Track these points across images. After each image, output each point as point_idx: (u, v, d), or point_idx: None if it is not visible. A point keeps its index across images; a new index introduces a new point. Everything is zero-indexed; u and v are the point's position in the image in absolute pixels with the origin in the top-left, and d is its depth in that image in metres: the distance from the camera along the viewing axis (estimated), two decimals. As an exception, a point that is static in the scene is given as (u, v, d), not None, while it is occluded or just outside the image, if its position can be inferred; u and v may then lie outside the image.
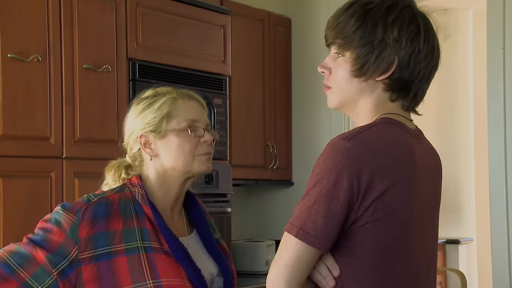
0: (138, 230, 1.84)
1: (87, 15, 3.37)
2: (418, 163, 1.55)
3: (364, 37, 1.54)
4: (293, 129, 4.93)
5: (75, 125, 3.29)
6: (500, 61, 4.38)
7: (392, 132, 1.54)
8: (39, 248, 1.79)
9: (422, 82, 1.58)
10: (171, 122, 1.90)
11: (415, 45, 1.54)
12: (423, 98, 1.63)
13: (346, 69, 1.57)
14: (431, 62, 1.58)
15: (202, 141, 1.92)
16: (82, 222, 1.81)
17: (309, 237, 1.46)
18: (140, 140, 1.92)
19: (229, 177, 4.11)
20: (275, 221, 5.00)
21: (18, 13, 3.10)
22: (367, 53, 1.54)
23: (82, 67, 3.33)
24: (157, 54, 3.70)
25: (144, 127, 1.92)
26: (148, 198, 1.89)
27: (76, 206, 1.84)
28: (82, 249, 1.79)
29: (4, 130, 3.03)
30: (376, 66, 1.54)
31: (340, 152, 1.47)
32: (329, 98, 1.62)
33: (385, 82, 1.56)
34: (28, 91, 3.12)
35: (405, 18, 1.55)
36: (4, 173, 3.02)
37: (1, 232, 2.99)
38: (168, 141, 1.90)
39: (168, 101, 1.92)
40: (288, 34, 4.92)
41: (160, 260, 1.82)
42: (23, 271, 1.77)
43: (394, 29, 1.53)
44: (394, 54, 1.53)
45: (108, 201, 1.86)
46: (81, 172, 3.28)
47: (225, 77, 4.13)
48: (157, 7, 3.74)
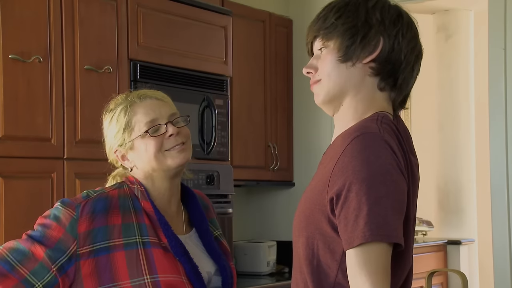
0: (136, 225, 1.85)
1: (88, 16, 3.37)
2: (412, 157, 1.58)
3: (347, 22, 1.54)
4: (294, 129, 4.93)
5: (76, 126, 3.29)
6: (501, 62, 4.38)
7: (392, 128, 1.55)
8: (38, 244, 1.79)
9: (407, 70, 1.56)
10: (133, 131, 1.92)
11: (398, 28, 1.55)
12: (409, 94, 1.61)
13: (332, 58, 1.56)
14: (415, 49, 1.57)
15: (167, 136, 1.91)
16: (81, 217, 1.81)
17: (394, 236, 1.41)
18: (116, 155, 1.96)
19: (230, 177, 4.11)
20: (276, 222, 5.00)
21: (20, 14, 3.10)
22: (352, 36, 1.54)
23: (83, 67, 3.33)
24: (158, 55, 3.70)
25: (114, 143, 1.95)
26: (147, 194, 1.90)
27: (75, 201, 1.85)
28: (81, 244, 1.80)
29: (5, 131, 3.03)
30: (362, 47, 1.54)
31: (386, 147, 1.44)
32: (316, 92, 1.60)
33: (372, 66, 1.55)
34: (29, 91, 3.12)
35: (385, 4, 1.57)
36: (5, 174, 3.02)
37: (2, 232, 2.99)
38: (136, 149, 1.92)
39: (122, 112, 1.94)
40: (290, 35, 4.91)
41: (158, 255, 1.82)
42: (23, 268, 1.78)
43: (376, 12, 1.54)
44: (379, 35, 1.54)
45: (107, 196, 1.87)
46: (82, 172, 3.28)
47: (226, 78, 4.13)
48: (158, 8, 3.73)
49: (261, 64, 4.68)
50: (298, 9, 4.96)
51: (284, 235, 4.91)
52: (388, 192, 1.42)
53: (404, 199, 1.45)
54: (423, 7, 6.14)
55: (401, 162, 1.47)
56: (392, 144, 1.46)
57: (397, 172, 1.44)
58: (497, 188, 4.38)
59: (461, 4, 6.36)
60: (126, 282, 1.79)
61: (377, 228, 1.39)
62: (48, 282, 1.78)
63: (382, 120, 1.52)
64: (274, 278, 4.54)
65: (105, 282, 1.79)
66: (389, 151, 1.44)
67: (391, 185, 1.42)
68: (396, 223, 1.42)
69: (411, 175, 1.52)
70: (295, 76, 4.89)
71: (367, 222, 1.40)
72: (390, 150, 1.45)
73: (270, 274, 4.59)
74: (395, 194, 1.42)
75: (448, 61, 6.47)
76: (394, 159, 1.44)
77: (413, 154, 1.57)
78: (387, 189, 1.42)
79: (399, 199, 1.44)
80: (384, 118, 1.54)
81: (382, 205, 1.41)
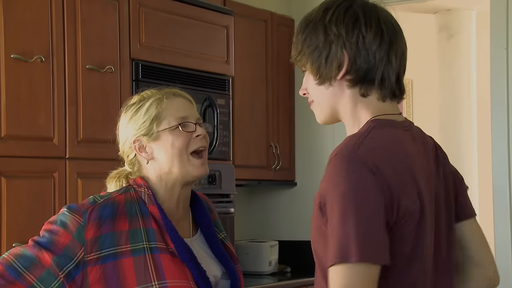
0: (144, 230, 1.84)
1: (90, 16, 3.37)
2: (414, 156, 1.56)
3: (311, 45, 1.58)
4: (296, 129, 4.93)
5: (78, 126, 3.29)
6: (503, 61, 4.38)
7: (387, 134, 1.54)
8: (45, 250, 1.78)
9: (383, 65, 1.56)
10: (161, 123, 1.91)
11: (357, 33, 1.55)
12: (400, 80, 1.60)
13: (311, 81, 1.60)
14: (383, 43, 1.56)
15: (194, 135, 1.91)
16: (89, 223, 1.80)
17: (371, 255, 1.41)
18: (134, 145, 1.92)
19: (232, 177, 4.11)
20: (278, 222, 4.99)
21: (22, 14, 3.10)
22: (318, 58, 1.57)
23: (85, 67, 3.33)
24: (160, 55, 3.71)
25: (136, 133, 1.92)
26: (155, 198, 1.88)
27: (82, 207, 1.83)
28: (89, 250, 1.79)
29: (7, 131, 3.03)
30: (329, 67, 1.56)
31: (358, 164, 1.45)
32: (315, 113, 1.65)
33: (348, 79, 1.56)
34: (31, 91, 3.12)
35: (340, 12, 1.57)
36: (7, 174, 3.03)
37: (5, 232, 2.99)
38: (162, 141, 1.90)
39: (154, 103, 1.92)
40: (291, 34, 4.87)
41: (166, 261, 1.81)
42: (30, 274, 1.76)
43: (332, 26, 1.56)
44: (341, 49, 1.55)
45: (114, 202, 1.85)
46: (84, 172, 3.29)
47: (228, 77, 4.13)
48: (160, 8, 3.74)
49: (263, 64, 4.68)
50: (300, 9, 4.96)
51: (286, 235, 4.91)
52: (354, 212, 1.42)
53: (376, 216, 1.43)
54: (425, 6, 6.13)
55: (383, 173, 1.46)
56: (367, 158, 1.46)
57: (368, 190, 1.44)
58: (499, 189, 4.38)
59: (463, 4, 6.35)
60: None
61: (341, 249, 1.41)
62: None
63: (371, 131, 1.53)
64: (276, 277, 4.54)
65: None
66: (360, 169, 1.45)
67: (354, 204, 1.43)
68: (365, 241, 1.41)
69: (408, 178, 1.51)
70: (297, 75, 4.88)
71: (333, 244, 1.42)
72: (363, 168, 1.45)
73: (272, 273, 4.59)
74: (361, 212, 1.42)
75: (450, 60, 6.47)
76: (367, 176, 1.44)
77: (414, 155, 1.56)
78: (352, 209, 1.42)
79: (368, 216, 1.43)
80: (376, 127, 1.54)
81: (346, 225, 1.42)
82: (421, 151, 1.61)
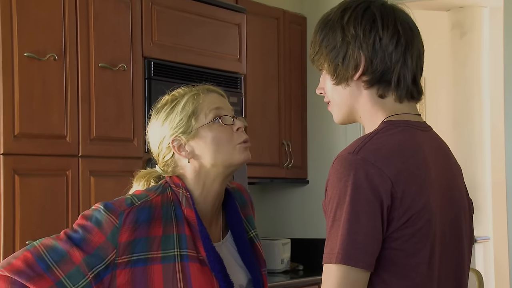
0: (176, 236, 1.80)
1: (103, 14, 3.38)
2: (428, 158, 1.55)
3: (329, 45, 1.59)
4: (309, 127, 4.92)
5: (91, 124, 3.30)
6: (517, 58, 4.35)
7: (396, 135, 1.54)
8: (77, 247, 1.74)
9: (399, 67, 1.57)
10: (199, 118, 1.86)
11: (374, 34, 1.56)
12: (416, 82, 1.60)
13: (329, 81, 1.62)
14: (399, 44, 1.57)
15: (235, 129, 1.87)
16: (124, 226, 1.76)
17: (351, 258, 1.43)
18: (173, 145, 1.86)
19: (244, 175, 4.11)
20: (290, 220, 4.99)
21: (35, 12, 3.12)
22: (335, 58, 1.59)
23: (98, 65, 3.34)
24: (173, 53, 3.71)
25: (174, 132, 1.86)
26: (193, 202, 1.83)
27: (119, 208, 1.78)
28: (120, 253, 1.75)
29: (20, 129, 3.05)
30: (346, 67, 1.58)
31: (354, 166, 1.46)
32: (333, 114, 1.66)
33: (364, 80, 1.58)
34: (44, 89, 3.13)
35: (358, 13, 1.58)
36: (21, 171, 3.04)
37: (18, 229, 3.01)
38: (202, 138, 1.85)
39: (190, 99, 1.87)
40: (304, 32, 4.91)
41: (195, 270, 1.78)
42: (59, 269, 1.73)
43: (350, 27, 1.58)
44: (358, 50, 1.57)
45: (151, 205, 1.80)
46: (97, 170, 3.30)
47: (240, 75, 4.13)
48: (173, 6, 3.74)
49: (275, 62, 4.68)
50: (312, 6, 4.95)
51: (299, 233, 4.91)
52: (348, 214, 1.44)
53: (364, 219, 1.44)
54: (437, 4, 6.11)
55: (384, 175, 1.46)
56: (366, 161, 1.46)
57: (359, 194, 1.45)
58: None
59: (476, 1, 6.32)
60: None
61: (329, 250, 1.46)
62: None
63: (379, 132, 1.54)
64: (288, 275, 4.54)
65: None
66: (355, 171, 1.46)
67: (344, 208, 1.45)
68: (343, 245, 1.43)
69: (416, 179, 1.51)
70: (309, 73, 4.88)
71: (326, 245, 1.47)
72: (359, 171, 1.46)
73: (284, 271, 4.60)
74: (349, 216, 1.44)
75: (463, 58, 6.44)
76: (361, 179, 1.45)
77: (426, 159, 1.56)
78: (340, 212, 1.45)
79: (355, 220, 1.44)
80: (384, 129, 1.54)
81: (335, 228, 1.45)
82: (439, 155, 1.60)
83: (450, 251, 1.58)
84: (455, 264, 1.59)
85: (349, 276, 1.44)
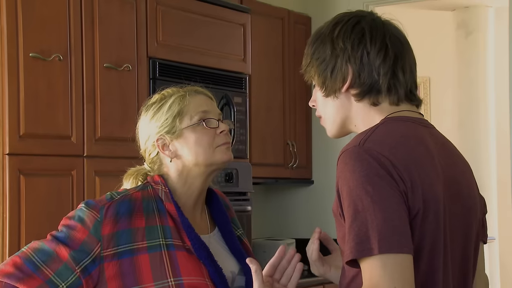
0: (160, 227, 1.85)
1: (108, 14, 3.39)
2: (433, 151, 1.55)
3: (319, 58, 1.62)
4: (313, 127, 4.92)
5: (96, 124, 3.31)
6: (522, 58, 4.35)
7: (398, 128, 1.54)
8: (63, 245, 1.80)
9: (388, 78, 1.58)
10: (184, 120, 1.91)
11: (362, 48, 1.58)
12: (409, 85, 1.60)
13: (319, 93, 1.64)
14: (387, 57, 1.58)
15: (218, 132, 1.92)
16: (105, 219, 1.82)
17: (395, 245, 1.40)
18: (157, 143, 1.92)
19: (249, 175, 4.11)
20: (295, 220, 4.99)
21: (40, 13, 3.12)
22: (324, 70, 1.61)
23: (102, 66, 3.34)
24: (177, 53, 3.71)
25: (159, 130, 1.92)
26: (171, 196, 1.89)
27: (99, 203, 1.85)
28: (105, 246, 1.80)
29: (26, 129, 3.05)
30: (334, 79, 1.60)
31: (364, 157, 1.46)
32: (326, 128, 1.67)
33: (353, 93, 1.59)
34: (49, 90, 3.14)
35: (348, 27, 1.61)
36: (26, 172, 3.05)
37: (24, 229, 3.01)
38: (185, 139, 1.91)
39: (176, 100, 1.93)
40: (308, 32, 4.91)
41: (182, 258, 1.82)
42: (47, 268, 1.79)
43: (339, 40, 1.60)
44: (346, 63, 1.59)
45: (131, 199, 1.87)
46: (102, 170, 3.30)
47: (245, 75, 4.13)
48: (178, 6, 3.75)
49: (280, 62, 4.68)
50: (317, 7, 4.95)
51: (303, 233, 4.90)
52: (365, 205, 1.43)
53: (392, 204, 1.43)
54: (442, 3, 6.11)
55: (393, 164, 1.46)
56: (373, 151, 1.46)
57: (378, 180, 1.44)
58: (518, 186, 4.35)
59: (482, 1, 6.31)
60: (150, 284, 1.79)
61: (356, 245, 1.42)
62: (72, 283, 1.79)
63: (379, 126, 1.54)
64: (293, 275, 4.54)
65: (129, 284, 1.80)
66: (367, 161, 1.45)
67: (367, 198, 1.43)
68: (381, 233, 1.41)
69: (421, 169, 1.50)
70: (314, 73, 4.88)
71: (348, 240, 1.44)
72: (369, 160, 1.46)
73: (289, 271, 4.59)
74: (376, 205, 1.42)
75: (468, 58, 6.43)
76: (375, 167, 1.45)
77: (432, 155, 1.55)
78: (363, 203, 1.43)
79: (384, 207, 1.42)
80: (384, 123, 1.55)
81: (360, 220, 1.42)
82: (443, 150, 1.60)
83: (456, 243, 1.57)
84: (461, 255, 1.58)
85: (396, 264, 1.39)
